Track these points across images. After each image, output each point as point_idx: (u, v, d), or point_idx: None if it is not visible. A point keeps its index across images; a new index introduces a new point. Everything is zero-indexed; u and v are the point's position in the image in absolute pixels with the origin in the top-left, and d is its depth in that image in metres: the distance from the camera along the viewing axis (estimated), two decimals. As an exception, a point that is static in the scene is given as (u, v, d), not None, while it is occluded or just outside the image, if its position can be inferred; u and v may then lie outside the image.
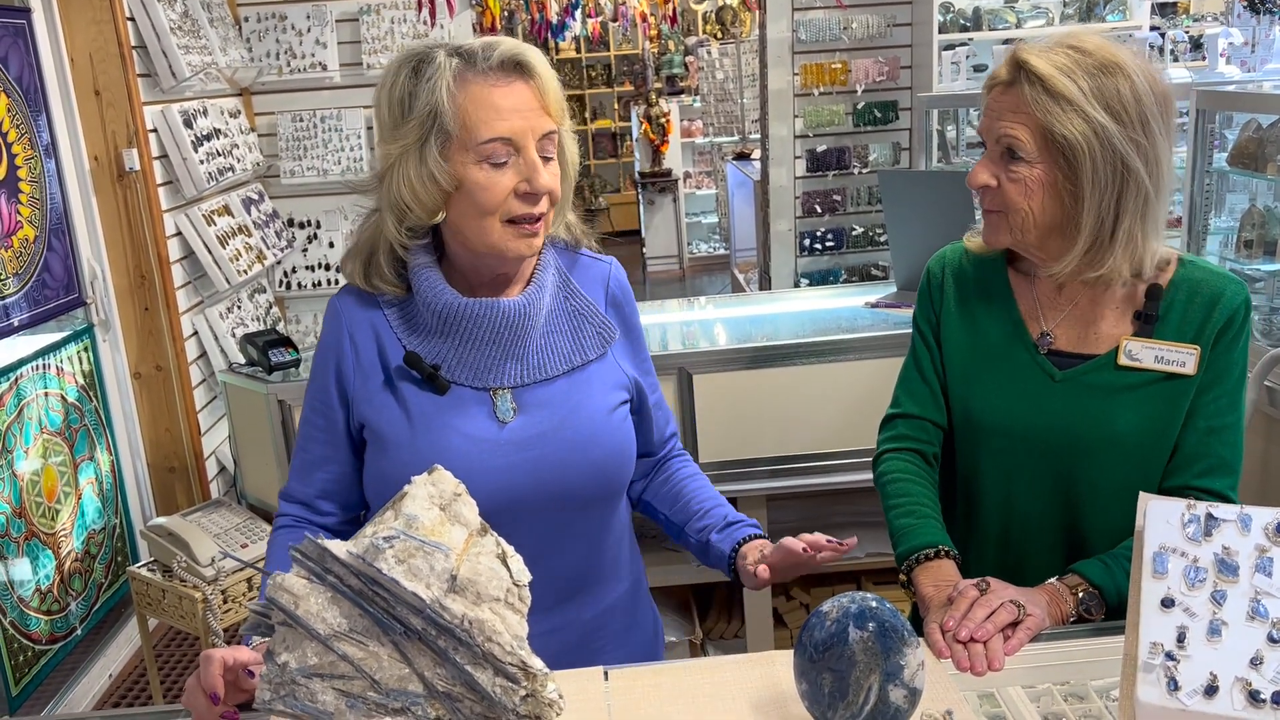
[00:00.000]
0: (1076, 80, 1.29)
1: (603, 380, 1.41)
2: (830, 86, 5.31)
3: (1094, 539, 1.44)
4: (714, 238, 9.67)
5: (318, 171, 4.66)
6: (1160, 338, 1.38)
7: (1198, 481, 1.39)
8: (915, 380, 1.55)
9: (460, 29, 4.69)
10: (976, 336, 1.49)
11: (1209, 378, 1.38)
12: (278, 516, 1.43)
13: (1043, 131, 1.31)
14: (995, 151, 1.37)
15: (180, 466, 3.87)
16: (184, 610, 2.66)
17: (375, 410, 1.35)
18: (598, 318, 1.43)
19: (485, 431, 1.33)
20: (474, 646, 1.05)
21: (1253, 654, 1.03)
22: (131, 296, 3.73)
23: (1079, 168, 1.31)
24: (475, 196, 1.27)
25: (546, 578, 1.35)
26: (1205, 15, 6.24)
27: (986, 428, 1.46)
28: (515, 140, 1.27)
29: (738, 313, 3.20)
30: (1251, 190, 3.16)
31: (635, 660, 1.38)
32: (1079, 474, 1.42)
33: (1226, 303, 1.37)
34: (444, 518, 1.10)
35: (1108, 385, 1.39)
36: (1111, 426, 1.39)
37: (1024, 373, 1.44)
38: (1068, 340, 1.43)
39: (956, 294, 1.52)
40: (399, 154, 1.29)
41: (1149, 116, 1.30)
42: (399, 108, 1.30)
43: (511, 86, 1.27)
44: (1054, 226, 1.36)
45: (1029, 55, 1.33)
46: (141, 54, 3.79)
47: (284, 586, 1.07)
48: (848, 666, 1.07)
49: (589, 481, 1.36)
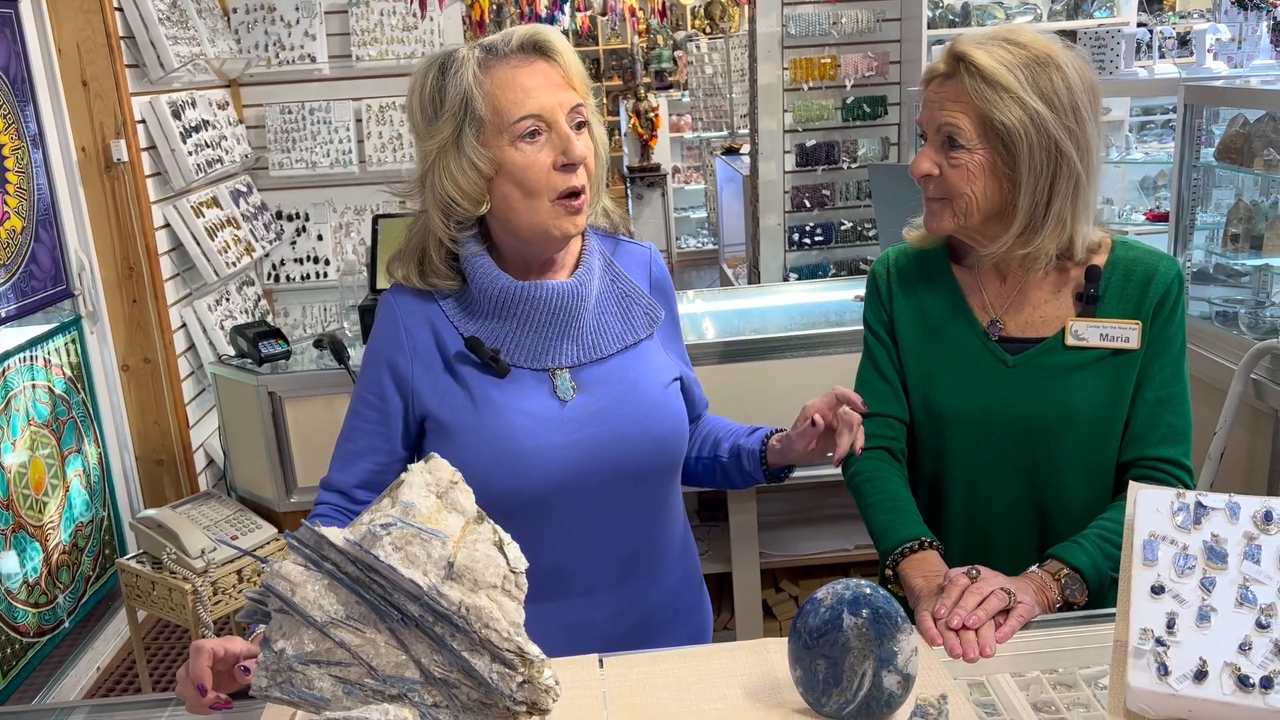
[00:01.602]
0: (1014, 71, 1.37)
1: (655, 357, 1.46)
2: (819, 81, 5.32)
3: (1057, 517, 1.48)
4: (703, 233, 9.68)
5: (306, 164, 4.64)
6: (1102, 316, 1.45)
7: (1154, 450, 1.45)
8: (875, 380, 1.58)
9: (450, 22, 4.67)
10: (929, 331, 1.54)
11: (1152, 351, 1.45)
12: (316, 504, 1.45)
13: (982, 119, 1.38)
14: (936, 141, 1.43)
15: (168, 459, 3.86)
16: (173, 602, 2.66)
17: (439, 397, 1.38)
18: (644, 299, 1.48)
19: (548, 410, 1.37)
20: (471, 633, 1.05)
21: (1241, 639, 1.04)
22: (119, 288, 3.71)
23: (1017, 153, 1.38)
24: (517, 177, 1.31)
25: (613, 555, 1.41)
26: (1191, 12, 6.27)
27: (947, 418, 1.51)
28: (545, 116, 1.30)
29: (726, 306, 3.21)
30: (1238, 185, 3.18)
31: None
32: (1039, 454, 1.47)
33: (1161, 278, 1.45)
34: (441, 505, 1.10)
35: (1059, 366, 1.45)
36: (1067, 405, 1.44)
37: (978, 361, 1.49)
38: (1015, 326, 1.49)
39: (903, 292, 1.57)
40: (437, 150, 1.33)
41: (1080, 105, 1.38)
42: (431, 106, 1.33)
43: (534, 66, 1.32)
44: (994, 211, 1.43)
45: (968, 48, 1.39)
46: (130, 45, 3.76)
47: (280, 574, 1.07)
48: (842, 653, 1.08)
49: (649, 455, 1.40)
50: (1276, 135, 2.80)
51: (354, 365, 2.60)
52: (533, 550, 1.12)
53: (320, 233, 4.77)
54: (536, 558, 1.14)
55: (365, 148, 4.67)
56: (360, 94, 4.66)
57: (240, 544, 2.70)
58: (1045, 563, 1.39)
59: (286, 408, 2.76)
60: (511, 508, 1.30)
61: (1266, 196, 3.06)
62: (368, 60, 4.61)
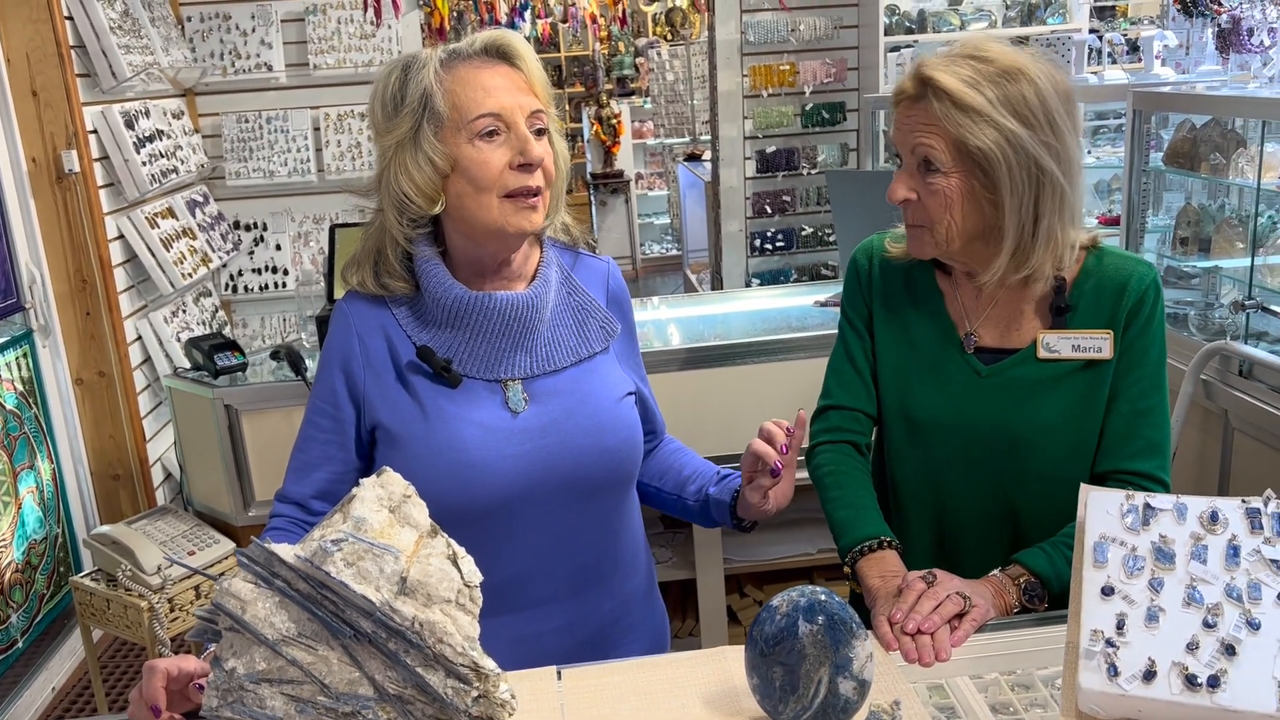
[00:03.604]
0: (983, 90, 1.32)
1: (609, 371, 1.45)
2: (779, 88, 5.35)
3: (1028, 528, 1.47)
4: (666, 238, 9.69)
5: (264, 173, 4.60)
6: (1075, 326, 1.42)
7: (1128, 464, 1.42)
8: (848, 370, 1.56)
9: (408, 30, 4.65)
10: (907, 335, 1.51)
11: (1128, 362, 1.41)
12: (270, 518, 1.43)
13: (956, 144, 1.33)
14: (911, 164, 1.38)
15: (125, 474, 3.80)
16: (129, 620, 2.61)
17: (389, 407, 1.37)
18: (600, 313, 1.47)
19: (499, 421, 1.36)
20: (425, 649, 1.04)
21: (1189, 639, 1.06)
22: (72, 301, 3.65)
23: (996, 176, 1.33)
24: (471, 173, 1.30)
25: (565, 567, 1.40)
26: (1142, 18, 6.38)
27: (921, 424, 1.49)
28: (504, 116, 1.30)
29: (689, 313, 3.21)
30: (1186, 188, 3.24)
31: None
32: (1010, 466, 1.45)
33: (1135, 285, 1.41)
34: (393, 519, 1.09)
35: (1031, 378, 1.43)
36: (1039, 418, 1.42)
37: (952, 370, 1.47)
38: (991, 337, 1.46)
39: (884, 289, 1.54)
40: (394, 145, 1.32)
41: (1055, 116, 1.34)
42: (391, 104, 1.33)
43: (497, 69, 1.33)
44: (976, 234, 1.39)
45: (933, 71, 1.34)
46: (81, 54, 3.71)
47: (230, 591, 1.06)
48: (798, 660, 1.08)
49: (601, 468, 1.39)
50: (1222, 140, 2.86)
51: (312, 377, 2.58)
52: (485, 562, 1.12)
53: (279, 242, 4.72)
54: (489, 569, 1.13)
55: (323, 156, 4.63)
56: (318, 102, 4.63)
57: (197, 559, 2.66)
58: (1007, 567, 1.39)
59: (243, 421, 2.72)
60: (463, 519, 1.30)
61: (1214, 200, 3.12)
62: (325, 69, 4.57)
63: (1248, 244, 2.86)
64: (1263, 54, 2.88)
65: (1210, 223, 3.04)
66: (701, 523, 1.52)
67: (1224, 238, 2.96)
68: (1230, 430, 2.57)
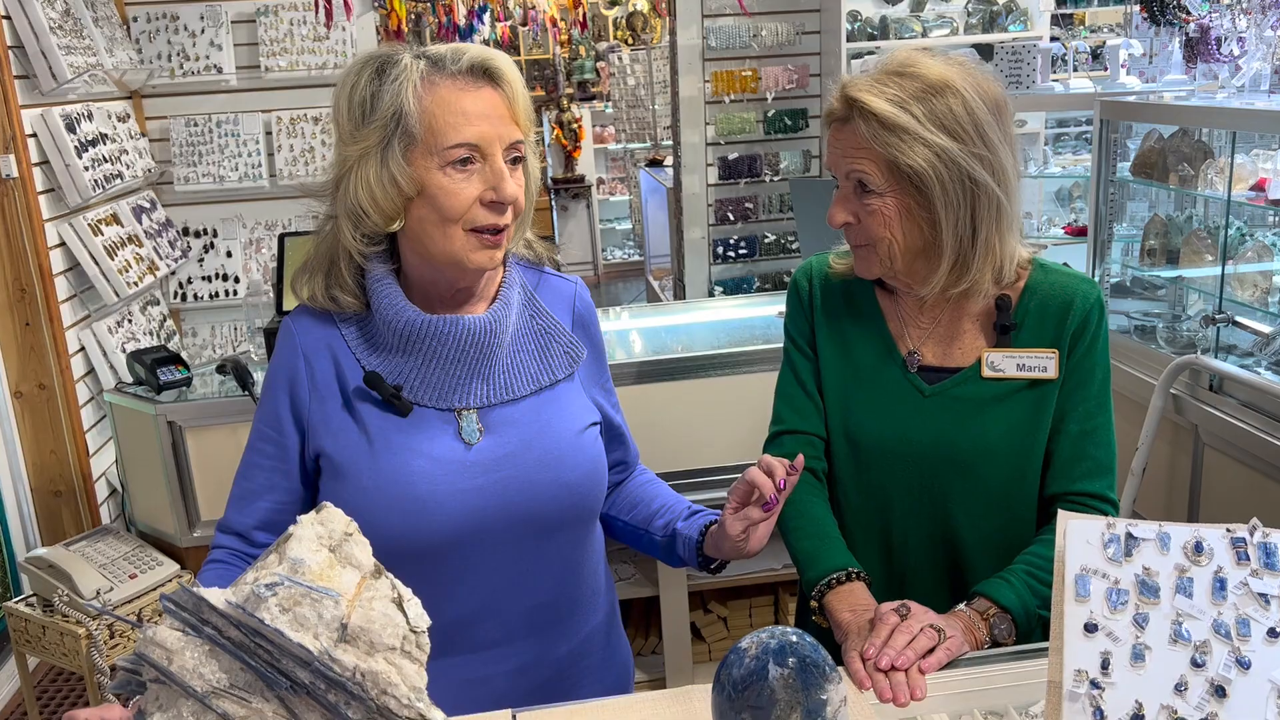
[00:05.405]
0: (909, 108, 1.30)
1: (571, 400, 1.37)
2: (741, 94, 5.31)
3: (970, 550, 1.44)
4: (628, 244, 9.64)
5: (214, 178, 4.47)
6: (1020, 344, 1.41)
7: (1078, 485, 1.41)
8: (798, 395, 1.52)
9: (364, 31, 4.55)
10: (849, 355, 1.48)
11: (1074, 381, 1.40)
12: (211, 549, 1.35)
13: (888, 164, 1.32)
14: (848, 187, 1.37)
15: (67, 490, 3.66)
16: (66, 648, 2.50)
17: (333, 435, 1.29)
18: (565, 337, 1.39)
19: (451, 453, 1.27)
20: (367, 700, 0.96)
21: (1177, 679, 1.01)
22: (11, 311, 3.51)
23: (930, 193, 1.32)
24: (438, 202, 1.22)
25: (520, 607, 1.32)
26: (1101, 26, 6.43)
27: (864, 445, 1.45)
28: (482, 147, 1.22)
29: (650, 323, 3.15)
30: (1153, 199, 3.23)
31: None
32: (953, 486, 1.42)
33: (1080, 305, 1.40)
34: (334, 560, 1.01)
35: (975, 397, 1.41)
36: (983, 438, 1.40)
37: (896, 390, 1.44)
38: (933, 356, 1.44)
39: (826, 309, 1.51)
40: (358, 156, 1.23)
41: (985, 128, 1.32)
42: (360, 110, 1.24)
43: (480, 92, 1.24)
44: (918, 251, 1.37)
45: (859, 93, 1.32)
46: (19, 55, 3.57)
47: (155, 640, 0.97)
48: (768, 704, 1.02)
49: (560, 503, 1.31)
50: (1190, 150, 2.84)
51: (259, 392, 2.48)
52: (433, 602, 1.04)
53: (229, 249, 4.59)
54: (437, 610, 1.06)
55: (276, 161, 4.52)
56: (270, 105, 4.51)
57: (139, 582, 2.56)
58: (973, 600, 1.35)
59: (187, 438, 2.62)
60: (410, 557, 1.22)
61: (1181, 210, 3.11)
62: (277, 71, 4.45)
63: (1217, 255, 2.84)
64: (1231, 64, 2.87)
65: (1178, 234, 3.03)
66: (666, 560, 1.44)
67: (1192, 249, 2.95)
68: (1201, 445, 2.55)
